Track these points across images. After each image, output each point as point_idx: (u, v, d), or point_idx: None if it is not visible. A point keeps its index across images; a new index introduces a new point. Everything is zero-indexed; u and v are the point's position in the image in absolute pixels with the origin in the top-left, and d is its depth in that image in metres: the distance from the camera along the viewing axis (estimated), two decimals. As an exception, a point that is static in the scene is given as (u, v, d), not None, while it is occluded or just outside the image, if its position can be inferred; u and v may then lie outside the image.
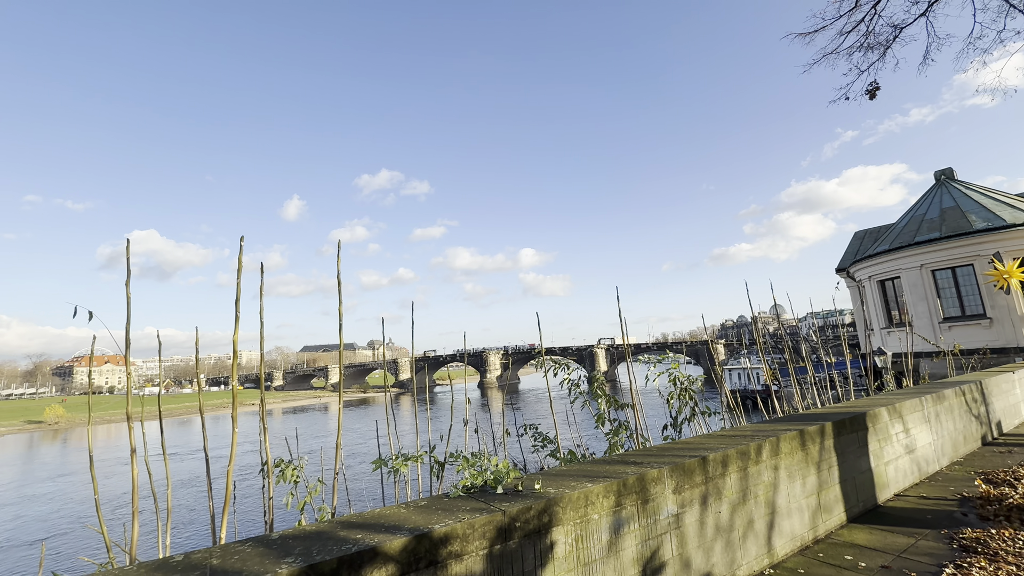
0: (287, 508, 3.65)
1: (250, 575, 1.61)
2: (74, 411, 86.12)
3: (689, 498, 2.94)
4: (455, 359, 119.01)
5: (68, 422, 79.77)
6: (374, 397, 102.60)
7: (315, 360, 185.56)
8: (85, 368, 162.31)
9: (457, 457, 3.28)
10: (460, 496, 2.50)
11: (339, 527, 2.07)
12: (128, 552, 2.40)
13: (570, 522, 2.38)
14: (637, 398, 4.91)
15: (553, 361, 4.35)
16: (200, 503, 21.58)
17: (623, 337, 4.92)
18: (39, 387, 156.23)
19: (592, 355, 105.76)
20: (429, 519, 2.10)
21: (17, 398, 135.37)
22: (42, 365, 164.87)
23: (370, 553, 1.79)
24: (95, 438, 60.88)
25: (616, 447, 4.52)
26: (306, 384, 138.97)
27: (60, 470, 39.45)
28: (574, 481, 2.65)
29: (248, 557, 1.78)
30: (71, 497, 28.64)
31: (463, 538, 2.03)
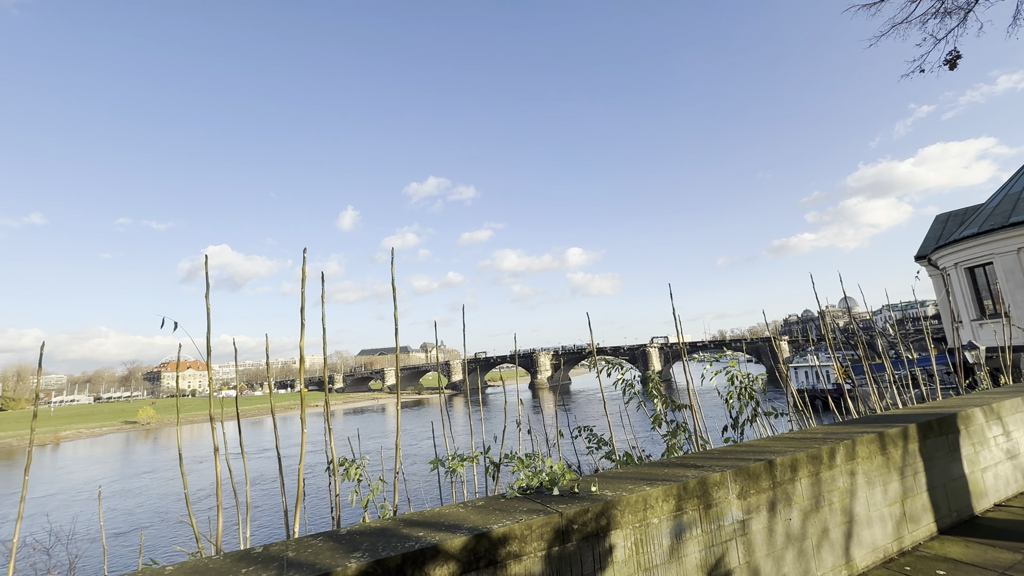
0: (352, 505, 3.83)
1: (322, 568, 1.70)
2: (162, 412, 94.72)
3: (755, 504, 2.80)
4: (505, 360, 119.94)
5: (157, 422, 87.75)
6: (428, 398, 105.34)
7: (372, 363, 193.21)
8: (171, 373, 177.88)
9: (512, 458, 3.31)
10: (516, 497, 2.52)
11: (402, 525, 2.15)
12: (214, 543, 2.61)
13: (629, 525, 2.34)
14: (694, 398, 4.73)
15: (606, 361, 4.29)
16: (270, 499, 23.04)
17: (678, 335, 4.77)
18: (133, 391, 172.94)
19: (645, 354, 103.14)
20: (487, 519, 2.14)
21: (115, 400, 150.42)
22: (135, 371, 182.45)
23: (432, 551, 1.84)
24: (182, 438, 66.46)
25: (674, 449, 4.39)
26: (364, 386, 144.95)
27: (150, 467, 43.45)
28: (631, 484, 2.60)
29: (320, 551, 1.88)
30: (157, 492, 31.46)
31: (521, 539, 2.04)
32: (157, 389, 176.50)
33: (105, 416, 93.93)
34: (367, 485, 4.29)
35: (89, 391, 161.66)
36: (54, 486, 36.18)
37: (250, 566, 1.78)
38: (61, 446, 66.06)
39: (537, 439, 4.99)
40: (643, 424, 9.81)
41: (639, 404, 5.15)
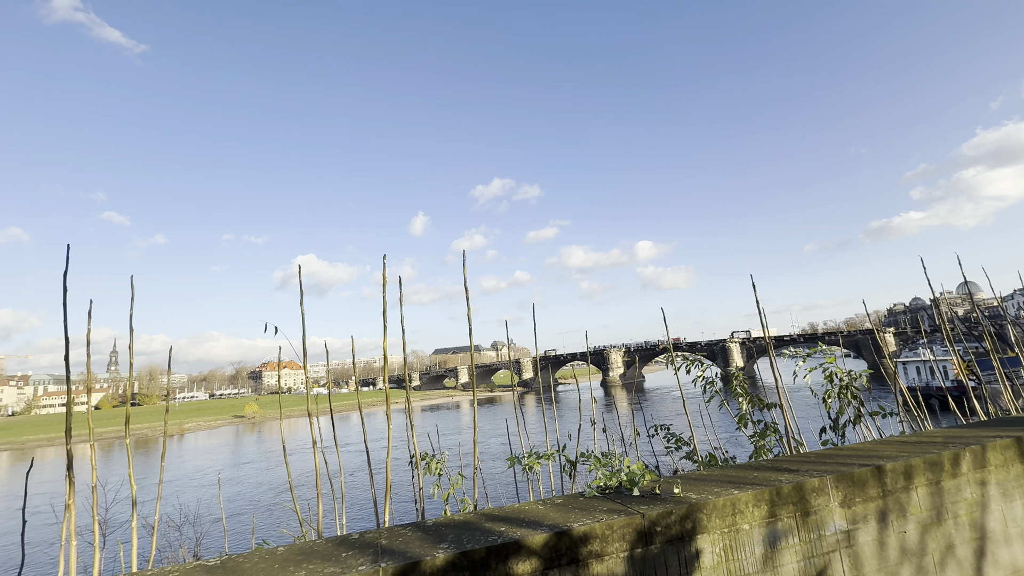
0: (433, 498, 4.01)
1: (413, 556, 1.80)
2: (265, 408, 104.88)
3: (862, 513, 2.55)
4: (576, 358, 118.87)
5: (261, 416, 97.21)
6: (500, 396, 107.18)
7: (446, 362, 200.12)
8: (271, 372, 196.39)
9: (588, 457, 3.28)
10: (595, 496, 2.49)
11: (483, 519, 2.21)
12: (314, 528, 2.85)
13: (716, 530, 2.23)
14: (784, 397, 4.39)
15: (684, 357, 4.11)
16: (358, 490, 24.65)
17: (763, 329, 4.46)
18: (239, 388, 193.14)
19: (724, 350, 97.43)
20: (567, 517, 2.14)
21: (225, 397, 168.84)
22: (241, 370, 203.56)
23: (514, 546, 1.88)
24: (276, 432, 73.20)
25: (762, 451, 4.11)
26: (439, 384, 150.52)
27: (255, 457, 48.22)
28: (717, 487, 2.47)
29: (409, 540, 1.99)
30: (261, 480, 34.83)
31: (602, 539, 2.02)
32: (259, 386, 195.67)
33: (218, 411, 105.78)
34: (447, 479, 4.46)
35: (205, 388, 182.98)
36: (180, 471, 41.38)
37: (349, 550, 1.92)
38: (185, 436, 75.37)
39: (612, 438, 4.90)
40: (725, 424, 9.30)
41: (721, 403, 4.88)
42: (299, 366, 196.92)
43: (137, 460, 50.97)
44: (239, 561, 1.89)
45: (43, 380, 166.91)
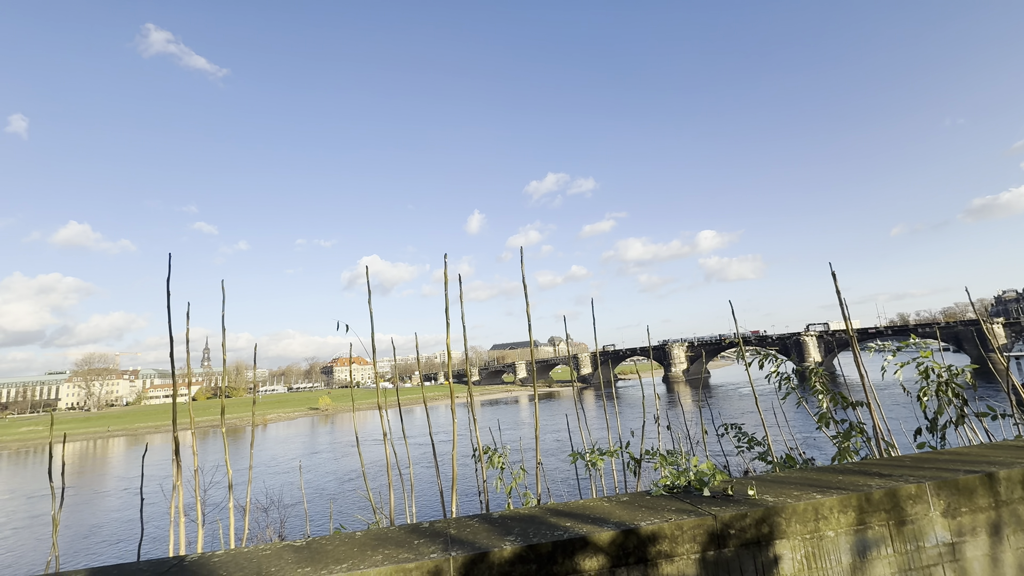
0: (497, 491, 4.08)
1: (481, 547, 1.84)
2: (337, 401, 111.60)
3: (969, 525, 2.29)
4: (636, 353, 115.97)
5: (333, 409, 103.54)
6: (559, 391, 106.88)
7: (503, 357, 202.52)
8: (341, 367, 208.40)
9: (653, 455, 3.20)
10: (662, 495, 2.43)
11: (548, 514, 2.22)
12: (387, 516, 3.00)
13: (797, 536, 2.10)
14: (872, 394, 4.03)
15: (756, 351, 3.87)
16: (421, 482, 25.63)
17: (845, 321, 4.11)
18: (313, 382, 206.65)
19: (799, 344, 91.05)
20: (634, 516, 2.10)
21: (301, 390, 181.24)
22: (315, 366, 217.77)
23: (581, 542, 1.87)
24: (347, 423, 77.61)
25: (847, 454, 3.80)
26: (497, 379, 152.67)
27: (328, 446, 51.40)
28: (797, 490, 2.32)
29: (477, 531, 2.04)
30: (333, 468, 37.07)
31: (672, 539, 1.97)
32: (331, 380, 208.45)
33: (295, 403, 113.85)
34: (510, 473, 4.52)
35: (283, 382, 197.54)
36: (263, 458, 45.03)
37: (421, 538, 2.00)
38: (268, 427, 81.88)
39: (678, 436, 4.74)
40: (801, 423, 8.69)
41: (798, 401, 4.56)
42: (367, 362, 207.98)
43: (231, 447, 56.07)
44: (323, 543, 2.03)
45: (150, 374, 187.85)
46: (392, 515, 2.86)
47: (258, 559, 1.89)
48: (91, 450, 67.04)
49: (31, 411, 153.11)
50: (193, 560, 1.93)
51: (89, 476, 43.57)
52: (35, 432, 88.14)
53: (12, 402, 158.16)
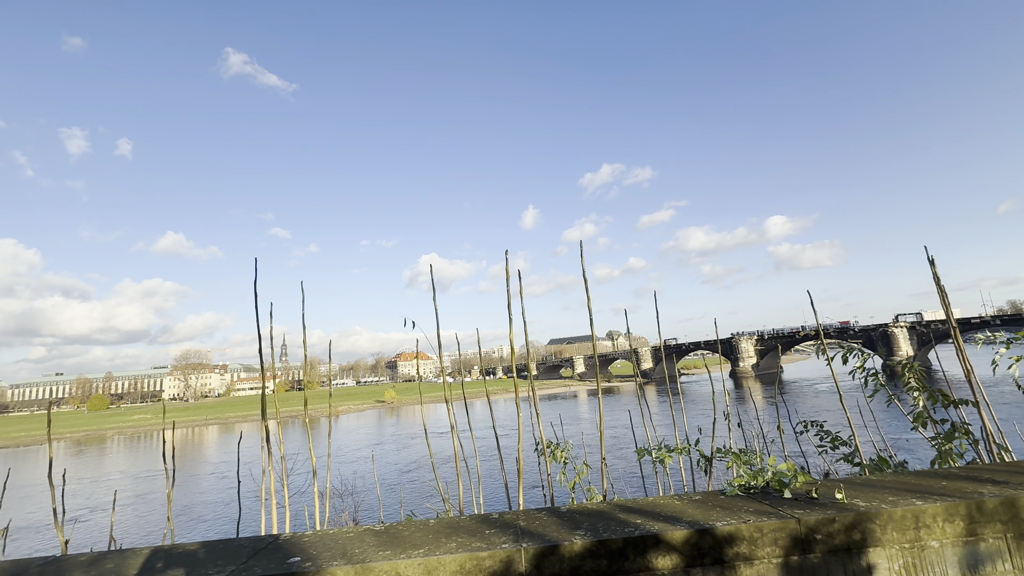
0: (560, 485, 4.09)
1: (551, 540, 1.86)
2: (402, 394, 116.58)
3: (1110, 542, 2.00)
4: (700, 347, 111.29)
5: (398, 402, 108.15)
6: (618, 387, 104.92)
7: (561, 352, 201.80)
8: (404, 362, 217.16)
9: (725, 453, 3.07)
10: (738, 495, 2.32)
11: (617, 510, 2.20)
12: (456, 506, 3.10)
13: (894, 545, 1.93)
14: (980, 392, 3.61)
15: (841, 345, 3.57)
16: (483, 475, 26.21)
17: (945, 310, 3.70)
18: (379, 376, 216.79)
19: (886, 336, 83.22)
20: (708, 515, 2.03)
21: (368, 384, 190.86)
22: (380, 360, 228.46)
23: (652, 539, 1.84)
24: (412, 416, 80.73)
25: (949, 457, 3.43)
26: (555, 374, 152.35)
27: (394, 437, 53.76)
28: (892, 495, 2.14)
29: (546, 524, 2.06)
30: (395, 458, 38.71)
31: (751, 541, 1.88)
32: (395, 375, 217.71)
33: (363, 396, 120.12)
34: (573, 468, 4.50)
35: (352, 376, 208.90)
36: (335, 446, 47.95)
37: (491, 528, 2.05)
38: (339, 418, 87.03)
39: (751, 434, 4.50)
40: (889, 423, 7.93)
41: (888, 398, 4.18)
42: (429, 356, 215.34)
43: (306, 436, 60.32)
44: (399, 529, 2.14)
45: (236, 369, 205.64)
46: (461, 505, 2.96)
47: (343, 540, 2.02)
48: (189, 436, 74.64)
49: (141, 401, 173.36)
50: (286, 539, 2.11)
51: (188, 460, 48.62)
52: (145, 420, 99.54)
53: (126, 393, 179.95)
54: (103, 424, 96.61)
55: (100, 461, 54.20)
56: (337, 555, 1.87)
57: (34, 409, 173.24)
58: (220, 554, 1.98)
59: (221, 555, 1.96)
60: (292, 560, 1.85)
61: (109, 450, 64.95)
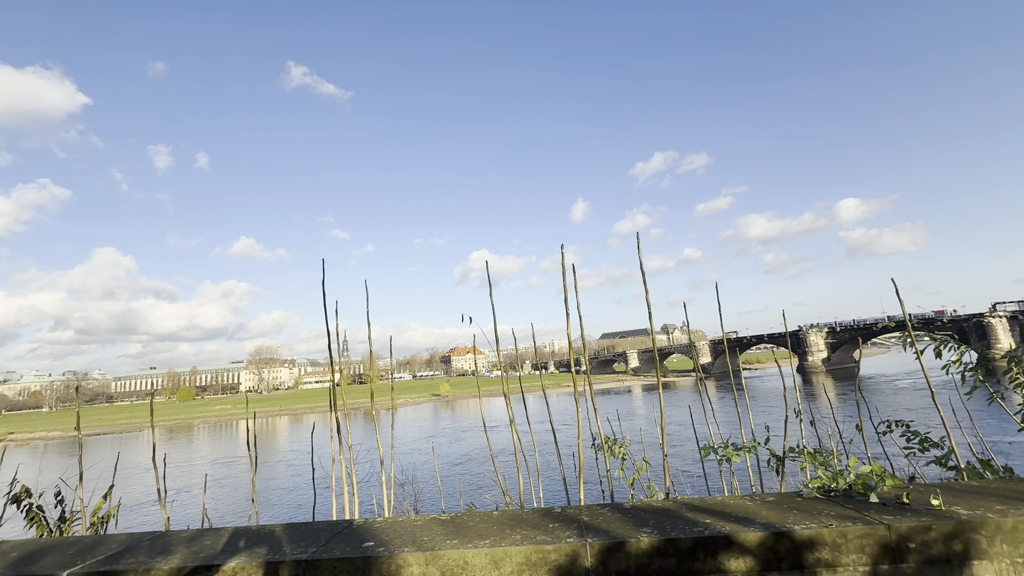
0: (619, 481, 4.03)
1: (616, 536, 1.84)
2: (456, 388, 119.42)
3: None
4: (763, 340, 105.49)
5: (453, 395, 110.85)
6: (675, 382, 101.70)
7: (613, 346, 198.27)
8: (457, 357, 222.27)
9: (799, 452, 2.90)
10: (816, 498, 2.19)
11: (683, 508, 2.13)
12: (516, 498, 3.14)
13: (1004, 559, 1.74)
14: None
15: (931, 337, 3.24)
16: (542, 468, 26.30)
17: (1060, 299, 3.27)
18: (434, 370, 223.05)
19: (982, 327, 75.02)
20: (783, 518, 1.92)
21: (424, 378, 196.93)
22: (435, 355, 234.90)
23: (724, 540, 1.77)
24: (466, 409, 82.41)
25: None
26: (608, 369, 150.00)
27: (449, 430, 55.16)
28: (1000, 503, 1.93)
29: (609, 520, 2.04)
30: (451, 450, 39.66)
31: (833, 547, 1.76)
32: (449, 369, 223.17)
33: (419, 390, 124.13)
34: (632, 464, 4.42)
35: (408, 370, 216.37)
36: (395, 438, 49.91)
37: (554, 522, 2.06)
38: (398, 411, 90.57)
39: (827, 432, 4.22)
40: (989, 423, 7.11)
41: (990, 396, 3.76)
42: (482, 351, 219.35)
43: (367, 427, 63.20)
44: (464, 519, 2.20)
45: (303, 363, 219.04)
46: (522, 498, 2.99)
47: (412, 528, 2.10)
48: (263, 426, 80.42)
49: (221, 392, 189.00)
50: (359, 524, 2.22)
51: (262, 448, 52.45)
52: (225, 410, 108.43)
53: (208, 385, 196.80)
54: (190, 413, 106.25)
55: (188, 447, 59.70)
56: (407, 542, 1.95)
57: (133, 399, 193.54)
58: (302, 536, 2.12)
59: (303, 537, 2.10)
60: (367, 544, 1.94)
61: (195, 437, 71.40)
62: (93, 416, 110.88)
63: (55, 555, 2.12)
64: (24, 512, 3.44)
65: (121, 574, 1.88)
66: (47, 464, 45.03)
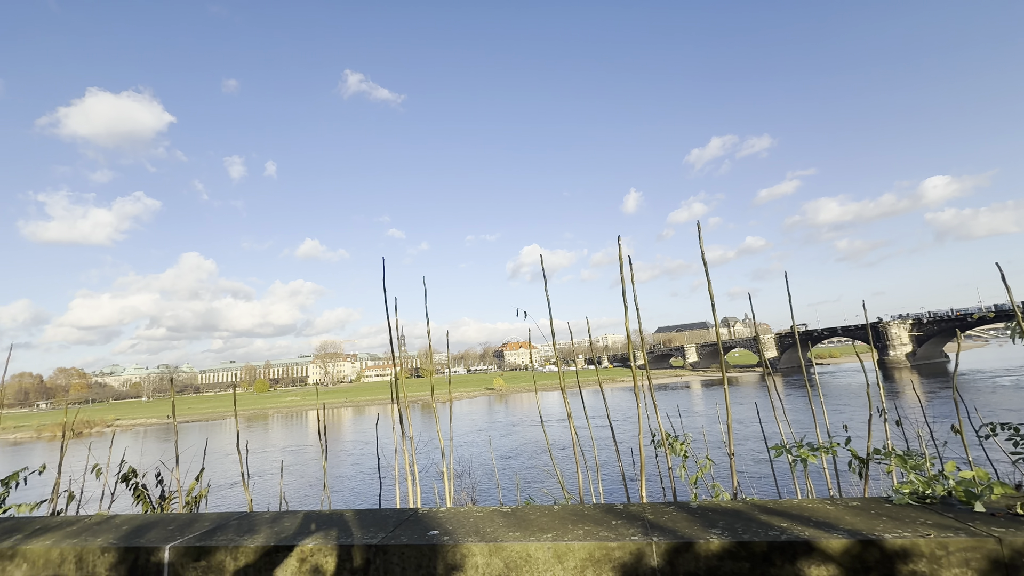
0: (681, 479, 3.89)
1: (684, 536, 1.77)
2: (509, 382, 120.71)
3: None
4: (836, 333, 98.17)
5: (506, 390, 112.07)
6: (737, 377, 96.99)
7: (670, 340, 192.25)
8: (511, 351, 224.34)
9: (886, 455, 2.67)
10: (909, 504, 2.00)
11: (755, 510, 2.02)
12: (576, 493, 3.11)
13: None
14: None
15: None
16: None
17: None
18: (487, 365, 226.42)
19: (1103, 318, 65.40)
20: (871, 524, 1.77)
21: (477, 372, 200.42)
22: (488, 350, 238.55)
23: (803, 546, 1.66)
24: (519, 403, 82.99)
25: None
26: (664, 363, 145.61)
27: (502, 423, 55.81)
28: None
29: (676, 519, 1.97)
30: (505, 444, 40.04)
31: (931, 559, 1.60)
32: (502, 364, 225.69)
33: (473, 384, 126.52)
34: (695, 462, 4.26)
35: (462, 365, 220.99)
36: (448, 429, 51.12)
37: (617, 519, 2.02)
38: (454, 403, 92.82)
39: (917, 433, 3.86)
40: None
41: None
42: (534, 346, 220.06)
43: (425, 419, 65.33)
44: (525, 512, 2.21)
45: (364, 358, 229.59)
46: (581, 493, 2.97)
47: (474, 519, 2.14)
48: (328, 417, 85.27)
49: (292, 385, 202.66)
50: (424, 513, 2.29)
51: (328, 437, 55.62)
52: (295, 401, 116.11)
53: (280, 378, 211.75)
54: (265, 404, 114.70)
55: (264, 435, 64.47)
56: (471, 532, 1.98)
57: (216, 390, 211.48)
58: (371, 521, 2.22)
59: (372, 522, 2.20)
60: (432, 532, 2.00)
61: (270, 426, 76.97)
62: (183, 405, 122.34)
63: (158, 530, 2.35)
64: (132, 490, 3.85)
65: (214, 549, 2.06)
66: (147, 448, 50.32)
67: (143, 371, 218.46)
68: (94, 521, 2.60)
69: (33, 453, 56.92)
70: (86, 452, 4.85)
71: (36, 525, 2.60)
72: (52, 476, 4.33)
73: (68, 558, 2.18)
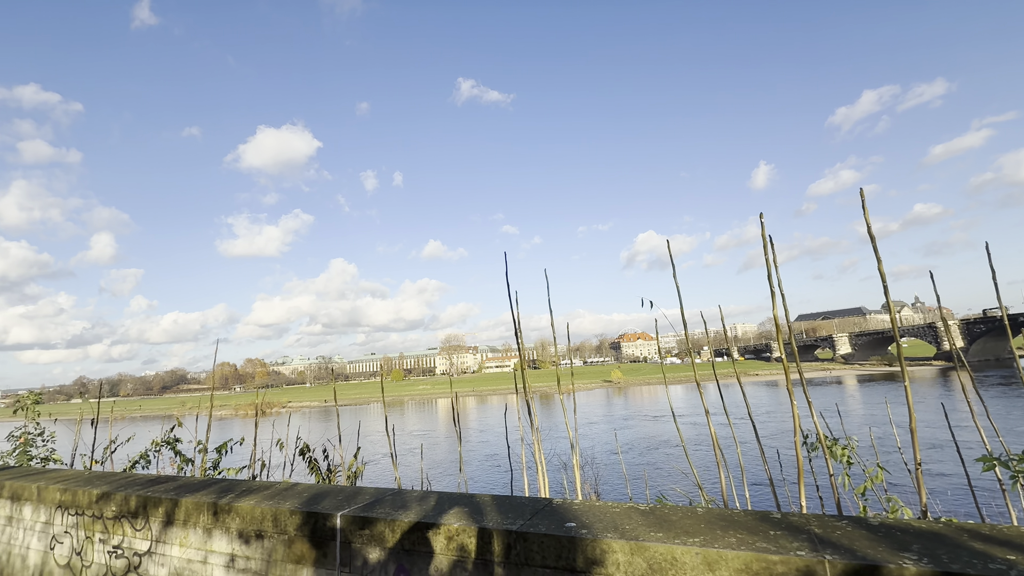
0: (845, 489, 3.39)
1: (867, 558, 1.52)
2: (627, 375, 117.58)
3: None
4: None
5: (625, 382, 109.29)
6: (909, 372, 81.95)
7: (814, 329, 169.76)
8: (627, 343, 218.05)
9: None
10: None
11: (963, 534, 1.66)
12: (715, 498, 2.88)
13: None
14: None
15: None
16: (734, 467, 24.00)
17: None
18: (604, 357, 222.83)
19: None
20: None
21: (593, 364, 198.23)
22: (604, 341, 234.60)
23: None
24: (638, 396, 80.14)
25: None
26: (808, 355, 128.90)
27: (623, 417, 54.36)
28: None
29: (851, 536, 1.70)
30: (626, 438, 38.78)
31: None
32: (619, 355, 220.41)
33: (590, 376, 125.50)
34: (862, 470, 3.70)
35: (579, 356, 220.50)
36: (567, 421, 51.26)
37: (775, 529, 1.81)
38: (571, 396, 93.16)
39: None
40: None
41: None
42: (651, 337, 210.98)
43: (544, 411, 66.71)
44: (665, 512, 2.09)
45: (484, 350, 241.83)
46: (724, 496, 2.73)
47: (611, 514, 2.09)
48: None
49: (422, 375, 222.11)
50: (559, 504, 2.30)
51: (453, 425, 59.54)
52: (426, 390, 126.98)
53: (412, 368, 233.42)
54: (400, 392, 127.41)
55: (401, 419, 71.56)
56: (609, 527, 1.94)
57: (361, 379, 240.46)
58: (508, 508, 2.29)
59: (509, 509, 2.27)
60: (569, 524, 2.00)
61: (404, 411, 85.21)
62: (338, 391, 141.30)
63: (330, 499, 2.71)
64: (307, 463, 4.53)
65: (376, 520, 2.30)
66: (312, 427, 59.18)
67: (306, 361, 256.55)
68: (282, 487, 3.10)
69: (233, 427, 70.63)
70: (270, 429, 5.86)
71: (242, 487, 3.19)
72: (248, 448, 5.29)
73: (267, 516, 2.62)
